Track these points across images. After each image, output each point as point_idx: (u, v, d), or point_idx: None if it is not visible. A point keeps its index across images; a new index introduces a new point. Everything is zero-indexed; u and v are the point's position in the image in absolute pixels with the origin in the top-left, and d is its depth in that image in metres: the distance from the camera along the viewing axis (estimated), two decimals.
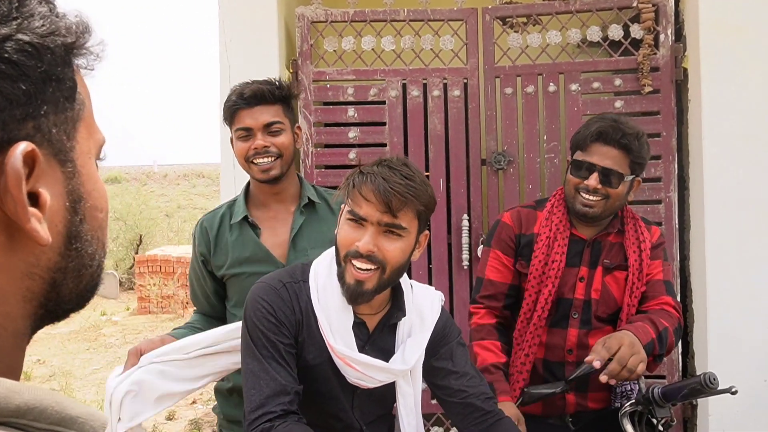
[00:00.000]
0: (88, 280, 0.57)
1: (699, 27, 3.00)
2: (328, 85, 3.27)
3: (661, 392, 1.61)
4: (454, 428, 1.73)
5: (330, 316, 1.54)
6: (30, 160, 0.49)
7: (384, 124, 3.24)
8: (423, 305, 1.65)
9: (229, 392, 2.10)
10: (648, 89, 3.11)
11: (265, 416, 1.45)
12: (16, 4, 0.49)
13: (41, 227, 0.50)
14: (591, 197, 1.96)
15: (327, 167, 3.27)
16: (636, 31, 3.13)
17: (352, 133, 3.22)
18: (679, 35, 3.16)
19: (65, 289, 0.55)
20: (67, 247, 0.54)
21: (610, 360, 1.72)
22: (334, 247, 1.59)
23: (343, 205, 1.54)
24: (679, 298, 3.10)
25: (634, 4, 3.13)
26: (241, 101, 1.95)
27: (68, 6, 0.54)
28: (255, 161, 1.96)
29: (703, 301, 3.04)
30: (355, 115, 3.24)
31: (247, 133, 1.97)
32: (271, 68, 3.11)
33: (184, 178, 25.62)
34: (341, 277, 1.52)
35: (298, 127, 2.08)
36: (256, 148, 1.95)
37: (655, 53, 3.12)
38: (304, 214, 2.06)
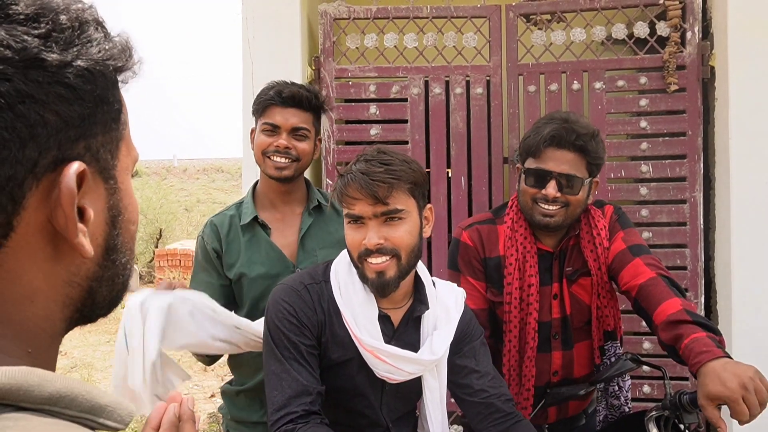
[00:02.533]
0: (119, 287, 0.62)
1: (727, 24, 2.96)
2: (350, 82, 3.27)
3: (689, 398, 1.58)
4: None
5: (355, 311, 1.55)
6: (80, 178, 0.53)
7: (406, 121, 3.23)
8: (447, 300, 1.66)
9: (236, 394, 2.12)
10: (674, 87, 3.06)
11: (287, 416, 1.46)
12: (78, 32, 0.53)
13: (86, 241, 0.54)
14: (550, 207, 1.83)
15: (348, 164, 3.26)
16: (662, 28, 3.09)
17: (374, 131, 3.22)
18: (706, 33, 3.11)
19: (99, 296, 0.60)
20: (104, 258, 0.58)
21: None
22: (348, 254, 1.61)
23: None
24: (702, 300, 3.06)
25: (661, 1, 3.09)
26: (278, 98, 1.99)
27: (112, 26, 0.59)
28: (272, 157, 2.00)
29: (728, 303, 3.00)
30: (377, 112, 3.23)
31: (273, 130, 2.00)
32: (294, 65, 3.11)
33: (204, 173, 25.79)
34: (362, 276, 1.54)
35: (319, 139, 2.13)
36: (278, 146, 1.99)
37: (682, 51, 3.07)
38: (312, 216, 2.09)
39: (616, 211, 1.97)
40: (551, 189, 1.81)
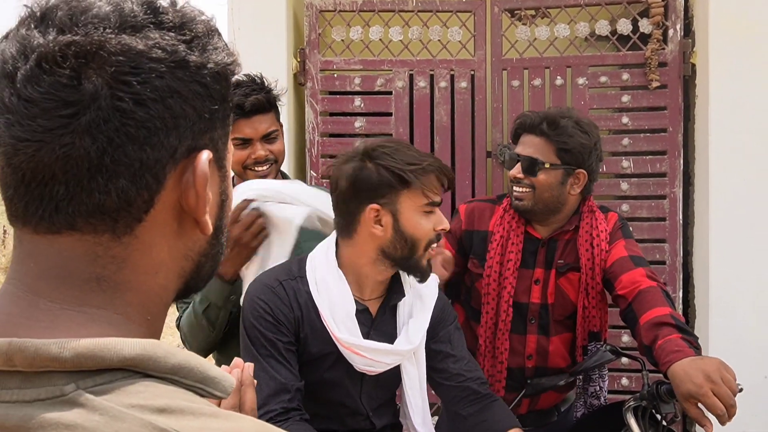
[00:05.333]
0: (217, 263, 0.69)
1: (708, 23, 3.00)
2: (335, 75, 3.27)
3: (666, 389, 1.61)
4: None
5: (333, 307, 1.55)
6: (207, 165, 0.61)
7: (390, 114, 3.24)
8: (421, 286, 1.67)
9: None
10: (655, 84, 3.10)
11: (266, 415, 1.47)
12: (210, 39, 0.62)
13: (209, 220, 0.62)
14: (518, 189, 1.93)
15: (333, 156, 3.26)
16: (645, 25, 3.12)
17: (359, 123, 3.22)
18: (688, 31, 3.15)
19: (204, 271, 0.67)
20: (214, 237, 0.66)
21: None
22: (327, 240, 1.62)
23: (392, 200, 1.52)
24: (681, 295, 3.11)
25: None
26: (241, 112, 1.88)
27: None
28: (254, 168, 1.94)
29: (705, 298, 3.05)
30: (362, 105, 3.23)
31: (245, 143, 1.92)
32: (279, 57, 3.11)
33: None
34: (416, 265, 1.56)
35: (281, 124, 2.05)
36: (257, 158, 1.92)
37: (664, 48, 3.11)
38: None
39: (620, 219, 2.03)
40: (515, 170, 1.93)
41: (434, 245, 1.57)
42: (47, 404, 0.50)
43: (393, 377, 1.65)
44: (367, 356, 1.54)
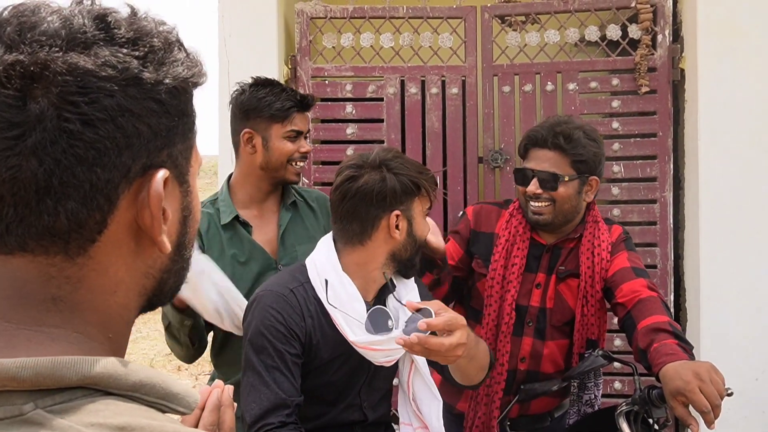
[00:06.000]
0: (182, 279, 0.69)
1: (697, 28, 3.02)
2: (327, 81, 3.27)
3: (657, 394, 1.62)
4: None
5: (345, 312, 1.57)
6: (163, 183, 0.60)
7: (382, 121, 3.25)
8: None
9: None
10: (645, 89, 3.12)
11: (264, 428, 1.48)
12: (167, 53, 0.60)
13: (166, 239, 0.61)
14: (536, 203, 1.93)
15: (324, 163, 3.28)
16: (634, 31, 3.14)
17: (350, 130, 3.23)
18: (676, 36, 3.18)
19: (167, 287, 0.66)
20: (176, 253, 0.65)
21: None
22: (324, 244, 1.65)
23: (408, 207, 1.61)
24: (672, 298, 3.13)
25: (633, 5, 3.14)
26: (300, 105, 2.00)
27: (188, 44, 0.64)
28: (296, 163, 2.03)
29: (696, 301, 3.07)
30: (353, 111, 3.24)
31: (297, 136, 2.02)
32: (270, 63, 3.11)
33: None
34: (414, 264, 1.68)
35: None
36: (306, 152, 2.04)
37: (653, 54, 3.13)
38: (290, 212, 2.09)
39: (624, 232, 2.06)
40: (533, 186, 1.92)
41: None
42: (5, 424, 0.50)
43: (392, 367, 1.68)
44: (385, 348, 1.55)
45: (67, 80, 0.53)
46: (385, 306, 1.66)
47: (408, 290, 1.70)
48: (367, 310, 1.59)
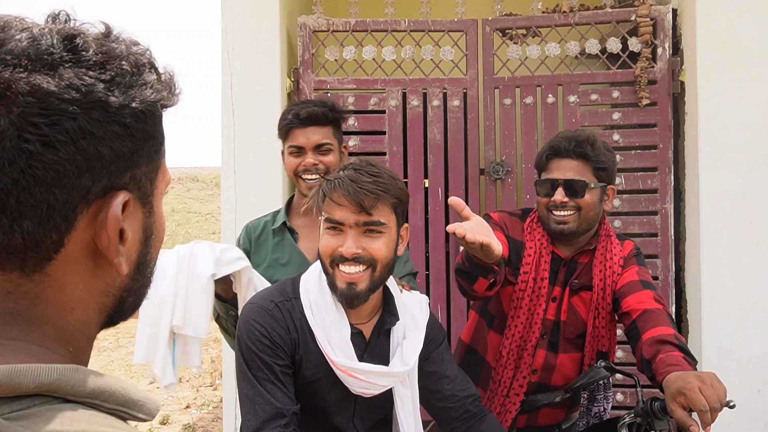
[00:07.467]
0: (143, 296, 0.69)
1: (696, 41, 3.04)
2: (329, 94, 3.29)
3: (660, 406, 1.62)
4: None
5: (327, 330, 1.55)
6: (123, 206, 0.60)
7: (384, 133, 3.27)
8: (412, 307, 1.69)
9: None
10: (645, 102, 3.14)
11: None
12: (136, 76, 0.60)
13: (123, 260, 0.61)
14: (562, 212, 1.94)
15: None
16: (634, 44, 3.17)
17: (352, 142, 3.25)
18: (676, 49, 3.20)
19: (127, 304, 0.67)
20: (136, 272, 0.65)
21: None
22: (318, 264, 1.62)
23: (320, 218, 1.56)
24: (673, 309, 3.13)
25: (633, 18, 3.17)
26: (297, 121, 2.07)
27: (160, 60, 0.63)
28: (303, 177, 2.09)
29: (698, 312, 3.07)
30: (356, 124, 3.26)
31: (299, 151, 2.08)
32: (273, 76, 3.13)
33: (179, 182, 25.49)
34: (332, 284, 1.54)
35: (345, 146, 2.20)
36: (306, 165, 2.08)
37: (653, 66, 3.15)
38: None
39: (636, 248, 2.08)
40: (559, 195, 1.93)
41: (343, 267, 1.58)
42: None
43: (386, 399, 1.65)
44: (363, 379, 1.54)
45: (29, 101, 0.53)
46: (389, 335, 1.65)
47: (413, 329, 1.67)
48: (353, 332, 1.58)
